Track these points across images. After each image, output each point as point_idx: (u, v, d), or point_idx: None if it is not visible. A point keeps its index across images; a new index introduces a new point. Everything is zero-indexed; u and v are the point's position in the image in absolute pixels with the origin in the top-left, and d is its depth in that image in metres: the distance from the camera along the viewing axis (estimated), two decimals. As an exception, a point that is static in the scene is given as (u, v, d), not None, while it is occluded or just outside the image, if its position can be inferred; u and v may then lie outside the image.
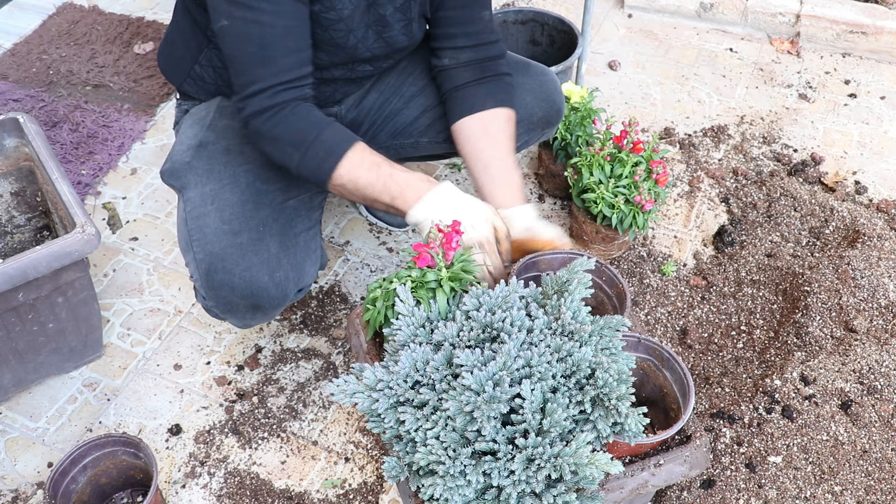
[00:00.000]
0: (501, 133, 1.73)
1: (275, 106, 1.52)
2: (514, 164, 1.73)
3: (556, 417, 1.20)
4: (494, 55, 1.76)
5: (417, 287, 1.40)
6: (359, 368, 1.36)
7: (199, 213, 1.62)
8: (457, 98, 1.77)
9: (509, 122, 1.75)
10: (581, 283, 1.36)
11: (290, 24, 1.50)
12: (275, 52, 1.49)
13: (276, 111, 1.52)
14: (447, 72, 1.78)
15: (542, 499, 1.20)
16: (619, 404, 1.22)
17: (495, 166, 1.70)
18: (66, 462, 1.59)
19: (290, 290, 1.65)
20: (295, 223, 1.68)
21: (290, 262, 1.64)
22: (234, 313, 1.67)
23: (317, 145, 1.53)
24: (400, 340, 1.34)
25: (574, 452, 1.18)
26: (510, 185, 1.70)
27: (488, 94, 1.74)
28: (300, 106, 1.54)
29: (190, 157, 1.69)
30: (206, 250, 1.59)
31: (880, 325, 1.88)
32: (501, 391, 1.22)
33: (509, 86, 1.78)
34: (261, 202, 1.64)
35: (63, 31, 2.93)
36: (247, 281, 1.58)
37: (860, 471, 1.63)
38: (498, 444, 1.22)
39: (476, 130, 1.73)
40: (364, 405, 1.30)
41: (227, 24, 1.48)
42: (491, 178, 1.70)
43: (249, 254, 1.59)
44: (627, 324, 1.34)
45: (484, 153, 1.72)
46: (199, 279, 1.63)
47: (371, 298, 1.47)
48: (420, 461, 1.23)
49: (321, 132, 1.54)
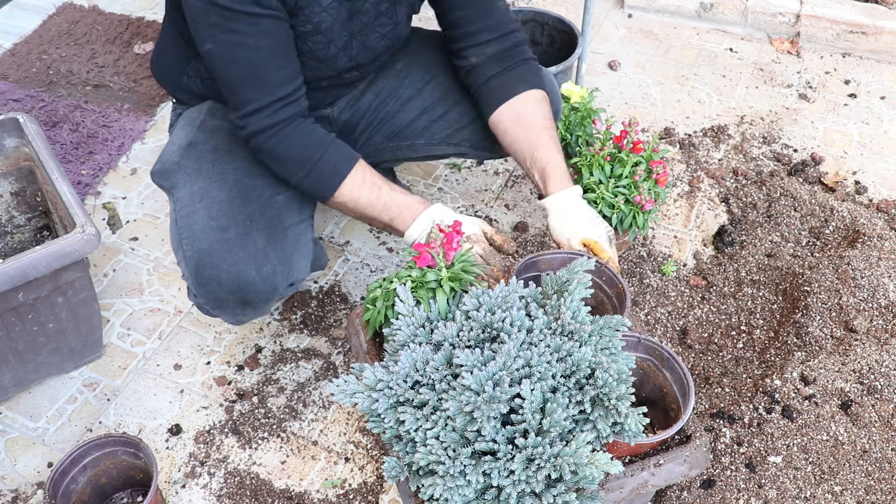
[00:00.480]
0: (536, 116, 1.73)
1: (276, 124, 1.54)
2: (552, 145, 1.71)
3: (556, 417, 1.20)
4: (518, 42, 1.76)
5: (417, 287, 1.40)
6: (358, 368, 1.36)
7: (188, 212, 1.63)
8: (487, 91, 1.76)
9: (542, 102, 1.75)
10: (581, 283, 1.36)
11: (275, 43, 1.51)
12: (265, 72, 1.51)
13: (278, 129, 1.54)
14: (475, 69, 1.77)
15: (542, 499, 1.20)
16: (618, 404, 1.22)
17: (532, 150, 1.71)
18: (66, 462, 1.59)
19: (279, 284, 1.65)
20: (284, 217, 1.68)
21: (278, 255, 1.64)
22: (225, 309, 1.68)
23: (321, 165, 1.57)
24: (400, 340, 1.34)
25: (574, 452, 1.18)
26: (548, 170, 1.69)
27: (517, 80, 1.74)
28: (302, 124, 1.57)
29: (179, 157, 1.70)
30: (194, 247, 1.60)
31: (880, 325, 1.88)
32: (501, 391, 1.22)
33: (537, 68, 1.78)
34: (249, 198, 1.65)
35: (63, 31, 2.93)
36: (234, 276, 1.59)
37: (860, 471, 1.63)
38: (498, 444, 1.22)
39: (510, 119, 1.73)
40: (364, 405, 1.30)
41: (212, 48, 1.49)
42: (531, 164, 1.72)
43: (236, 248, 1.59)
44: (627, 324, 1.35)
45: (520, 142, 1.73)
46: (188, 276, 1.64)
47: (371, 298, 1.48)
48: (420, 461, 1.23)
49: (325, 152, 1.58)
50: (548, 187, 1.69)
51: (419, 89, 1.87)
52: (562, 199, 1.68)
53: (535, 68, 1.78)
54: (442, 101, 1.86)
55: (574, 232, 1.65)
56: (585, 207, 1.69)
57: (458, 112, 1.87)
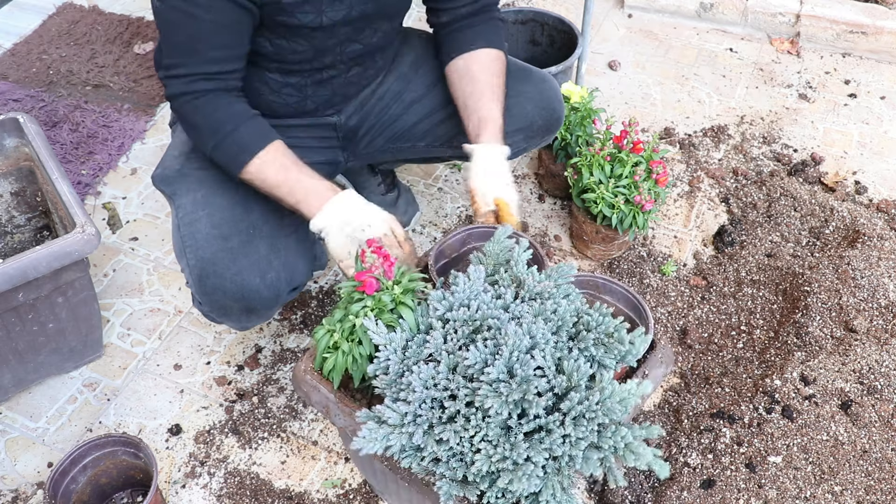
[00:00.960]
0: (485, 71, 1.75)
1: (192, 93, 1.54)
2: (493, 101, 1.73)
3: (583, 370, 1.22)
4: (489, 5, 1.79)
5: (379, 313, 1.35)
6: (367, 415, 1.31)
7: (191, 220, 1.63)
8: (447, 42, 1.80)
9: (496, 61, 1.77)
10: (522, 248, 1.40)
11: (221, 22, 1.50)
12: (200, 46, 1.51)
13: (192, 98, 1.55)
14: (444, 25, 1.81)
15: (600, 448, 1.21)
16: (621, 335, 1.27)
17: (472, 102, 1.73)
18: (66, 462, 1.59)
19: (283, 291, 1.65)
20: (285, 222, 1.68)
21: (282, 262, 1.64)
22: (230, 316, 1.68)
23: (231, 138, 1.56)
24: (395, 370, 1.31)
25: (613, 392, 1.21)
26: (482, 121, 1.71)
27: (477, 36, 1.77)
28: (220, 97, 1.56)
29: (181, 164, 1.71)
30: (197, 256, 1.60)
31: (880, 325, 1.88)
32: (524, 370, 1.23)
33: (498, 27, 1.81)
34: (250, 205, 1.65)
35: (63, 31, 2.93)
36: (238, 285, 1.59)
37: (860, 471, 1.63)
38: (543, 419, 1.22)
39: (461, 70, 1.76)
40: (398, 444, 1.25)
41: (160, 6, 1.50)
42: (467, 115, 1.74)
43: (240, 257, 1.59)
44: (574, 266, 1.41)
45: (464, 92, 1.75)
46: (192, 285, 1.64)
47: (325, 346, 1.38)
48: (482, 468, 1.21)
49: (238, 126, 1.57)
50: (481, 136, 1.70)
51: (423, 93, 1.88)
52: (491, 151, 1.69)
53: (496, 28, 1.80)
54: (444, 105, 1.87)
55: (493, 188, 1.66)
56: (507, 170, 1.71)
57: (460, 117, 1.87)
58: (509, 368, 1.23)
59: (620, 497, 1.69)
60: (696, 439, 1.73)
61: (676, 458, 1.71)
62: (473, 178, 1.68)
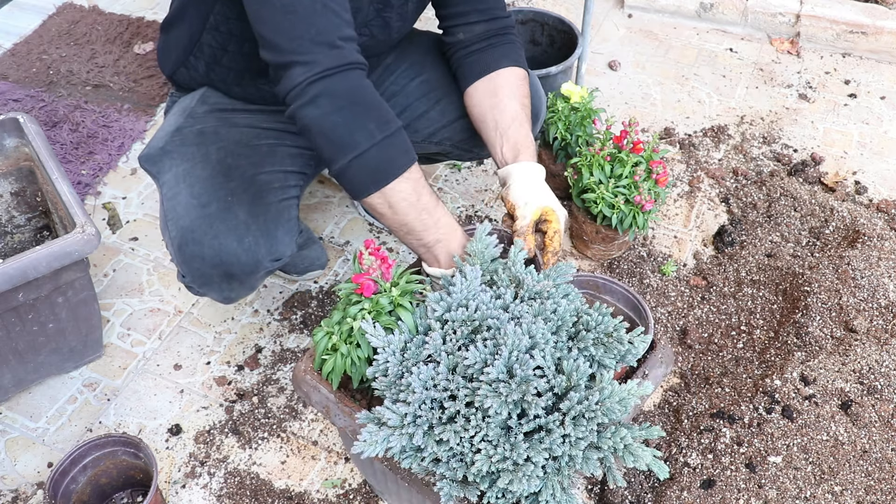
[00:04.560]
0: (516, 92, 1.72)
1: (345, 65, 1.37)
2: (527, 123, 1.70)
3: (582, 369, 1.22)
4: (507, 26, 1.77)
5: (376, 316, 1.35)
6: (367, 416, 1.31)
7: (173, 193, 1.64)
8: (468, 63, 1.76)
9: (523, 81, 1.74)
10: (517, 247, 1.41)
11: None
12: (336, 4, 1.38)
13: (346, 69, 1.37)
14: (461, 45, 1.77)
15: (600, 448, 1.21)
16: (621, 335, 1.28)
17: (503, 126, 1.68)
18: (66, 462, 1.59)
19: (262, 257, 1.63)
20: (266, 194, 1.66)
21: (260, 228, 1.62)
22: (211, 285, 1.67)
23: (393, 137, 1.42)
24: (394, 372, 1.31)
25: (612, 392, 1.22)
26: (519, 145, 1.67)
27: (501, 56, 1.74)
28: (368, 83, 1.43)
29: (164, 142, 1.71)
30: (178, 225, 1.61)
31: (880, 325, 1.88)
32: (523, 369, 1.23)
33: (519, 49, 1.78)
34: (231, 175, 1.65)
35: (63, 31, 2.93)
36: (216, 249, 1.59)
37: (860, 471, 1.63)
38: (542, 418, 1.22)
39: (487, 91, 1.72)
40: (398, 445, 1.25)
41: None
42: (498, 138, 1.68)
43: (217, 222, 1.59)
44: (573, 265, 1.41)
45: (495, 112, 1.70)
46: (174, 255, 1.64)
47: (324, 348, 1.38)
48: (482, 468, 1.21)
49: (398, 127, 1.43)
50: (519, 157, 1.66)
51: (403, 86, 1.87)
52: (531, 167, 1.64)
53: (518, 49, 1.78)
54: (425, 98, 1.86)
55: (535, 198, 1.59)
56: (549, 190, 1.66)
57: (439, 111, 1.87)
58: (509, 368, 1.23)
59: (620, 497, 1.69)
60: (696, 439, 1.73)
61: (676, 458, 1.71)
62: (514, 190, 1.60)
